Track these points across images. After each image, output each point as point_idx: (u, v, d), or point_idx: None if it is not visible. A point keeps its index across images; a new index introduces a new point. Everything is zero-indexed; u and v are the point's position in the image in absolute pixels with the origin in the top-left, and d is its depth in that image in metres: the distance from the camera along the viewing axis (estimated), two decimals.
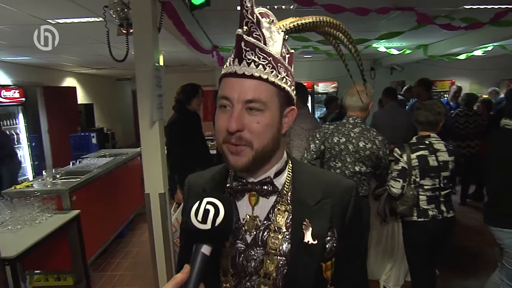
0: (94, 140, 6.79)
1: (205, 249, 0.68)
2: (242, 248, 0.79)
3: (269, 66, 0.73)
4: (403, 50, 6.74)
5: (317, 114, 8.24)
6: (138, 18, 2.42)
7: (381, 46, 6.44)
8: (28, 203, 2.84)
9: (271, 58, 0.73)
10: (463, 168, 2.38)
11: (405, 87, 6.34)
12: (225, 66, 0.77)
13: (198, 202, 0.69)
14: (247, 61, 0.72)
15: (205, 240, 0.68)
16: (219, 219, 0.67)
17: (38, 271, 3.27)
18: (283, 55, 0.77)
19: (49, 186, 3.20)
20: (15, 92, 5.91)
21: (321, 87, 8.60)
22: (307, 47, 5.85)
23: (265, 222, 0.79)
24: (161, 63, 5.74)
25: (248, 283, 0.78)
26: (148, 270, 3.15)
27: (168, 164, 3.33)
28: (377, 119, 4.19)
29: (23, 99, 6.09)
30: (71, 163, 4.26)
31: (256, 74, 0.72)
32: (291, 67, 0.80)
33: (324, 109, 6.45)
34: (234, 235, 0.79)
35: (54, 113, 7.38)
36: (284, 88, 0.76)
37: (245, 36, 0.71)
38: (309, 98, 8.54)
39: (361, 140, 2.24)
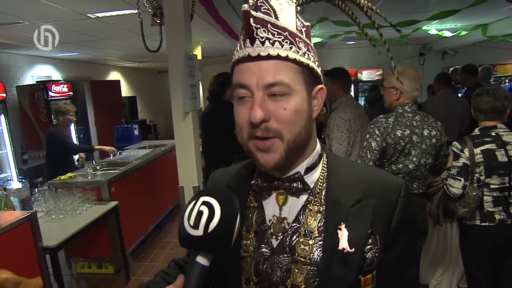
0: (136, 132, 7.00)
1: (202, 260, 0.57)
2: (267, 254, 0.69)
3: (286, 42, 0.62)
4: (458, 31, 6.14)
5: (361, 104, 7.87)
6: (170, 5, 2.34)
7: (432, 28, 5.91)
8: (70, 194, 2.93)
9: (286, 32, 0.62)
10: None
11: (450, 69, 5.63)
12: (235, 51, 0.67)
13: (193, 201, 0.57)
14: (260, 39, 0.61)
15: (199, 249, 0.57)
16: (213, 224, 0.55)
17: (82, 259, 3.41)
18: (299, 28, 0.66)
19: (89, 178, 3.29)
20: (64, 86, 6.21)
21: (365, 75, 8.18)
22: (349, 32, 5.52)
23: (294, 225, 0.68)
24: (199, 53, 5.73)
25: None
26: None
27: (204, 157, 3.28)
28: (429, 108, 3.81)
29: (71, 93, 6.40)
30: (111, 155, 4.37)
31: (273, 53, 0.61)
32: (310, 41, 0.69)
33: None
34: (259, 239, 0.70)
35: (100, 106, 7.71)
36: (308, 64, 0.65)
37: (253, 12, 0.61)
38: (352, 85, 8.17)
39: (425, 128, 1.98)
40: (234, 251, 0.68)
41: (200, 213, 0.56)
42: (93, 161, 3.62)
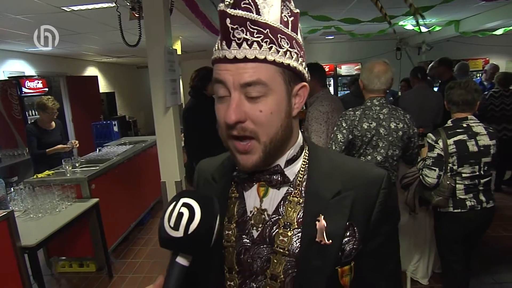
0: (115, 128, 6.85)
1: (182, 260, 0.57)
2: (248, 245, 0.70)
3: (266, 42, 0.59)
4: (433, 27, 6.34)
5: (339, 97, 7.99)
6: None
7: (408, 24, 6.07)
8: (49, 192, 2.86)
9: (267, 30, 0.59)
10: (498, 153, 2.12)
11: (430, 65, 5.90)
12: (214, 49, 0.64)
13: (174, 202, 0.58)
14: (237, 41, 0.59)
15: (179, 250, 0.57)
16: (193, 226, 0.55)
17: (62, 258, 3.34)
18: (285, 20, 0.62)
19: (68, 175, 3.22)
20: (38, 82, 6.01)
21: (344, 70, 8.30)
22: (328, 27, 5.60)
23: (274, 216, 0.69)
24: (178, 48, 5.67)
25: (254, 284, 0.69)
26: (168, 258, 3.13)
27: (186, 152, 3.27)
28: (405, 102, 3.93)
29: (47, 89, 6.19)
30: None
31: (250, 56, 0.59)
32: (297, 33, 0.65)
33: (348, 91, 6.20)
34: (240, 229, 0.71)
35: (77, 102, 7.51)
36: (289, 64, 0.62)
37: (229, 10, 0.58)
38: (332, 80, 8.28)
39: (392, 121, 2.05)
40: (217, 241, 0.69)
41: (180, 214, 0.56)
42: (72, 158, 3.54)
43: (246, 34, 0.58)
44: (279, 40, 0.60)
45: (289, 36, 0.63)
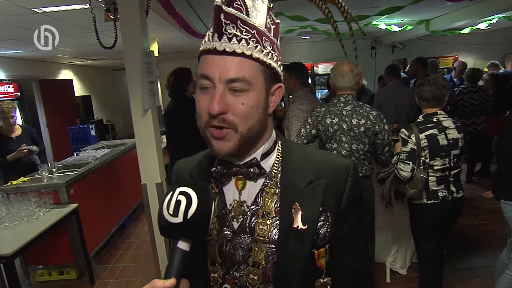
0: (93, 132, 6.70)
1: (182, 245, 0.61)
2: (229, 236, 0.73)
3: (252, 41, 0.65)
4: (404, 26, 6.55)
5: (318, 96, 8.11)
6: (124, 0, 2.29)
7: (381, 23, 6.25)
8: (25, 199, 2.78)
9: (254, 31, 0.66)
10: (468, 146, 2.24)
11: (409, 65, 6.16)
12: (203, 41, 0.69)
13: (171, 193, 0.62)
14: (228, 35, 0.64)
15: (180, 235, 0.61)
16: (192, 210, 0.59)
17: (40, 266, 3.25)
18: (268, 26, 0.70)
19: (45, 181, 3.14)
20: (9, 86, 5.82)
21: (321, 69, 8.43)
22: (305, 27, 5.69)
23: (253, 207, 0.73)
24: (156, 50, 5.61)
25: (237, 273, 0.72)
26: (150, 261, 3.11)
27: (169, 153, 3.25)
28: (380, 98, 4.06)
29: (18, 93, 6.00)
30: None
31: (239, 51, 0.64)
32: (277, 40, 0.73)
33: (326, 90, 6.32)
34: (221, 222, 0.74)
35: (52, 107, 7.30)
36: (270, 64, 0.68)
37: (224, 7, 0.63)
38: (309, 79, 8.38)
39: (354, 117, 2.18)
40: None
41: (178, 202, 0.60)
42: (48, 163, 3.44)
43: (236, 31, 0.64)
44: (263, 41, 0.67)
45: (271, 40, 0.69)
